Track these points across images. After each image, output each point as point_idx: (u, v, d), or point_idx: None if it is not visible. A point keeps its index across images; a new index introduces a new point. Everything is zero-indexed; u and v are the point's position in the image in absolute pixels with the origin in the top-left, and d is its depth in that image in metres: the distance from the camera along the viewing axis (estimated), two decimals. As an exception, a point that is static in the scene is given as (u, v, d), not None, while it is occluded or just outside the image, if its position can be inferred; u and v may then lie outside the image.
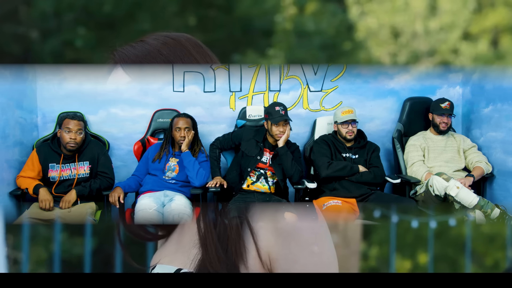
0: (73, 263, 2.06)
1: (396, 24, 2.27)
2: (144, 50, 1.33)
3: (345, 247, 2.20)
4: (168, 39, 1.34)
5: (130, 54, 1.34)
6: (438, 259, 2.45)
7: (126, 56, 1.35)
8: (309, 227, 1.26)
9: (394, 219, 2.80)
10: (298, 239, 1.22)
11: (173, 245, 1.35)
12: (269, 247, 1.22)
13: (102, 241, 2.35)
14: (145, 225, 1.53)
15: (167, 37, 1.35)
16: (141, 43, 1.36)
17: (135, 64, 1.33)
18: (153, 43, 1.34)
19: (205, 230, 1.27)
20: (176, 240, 1.34)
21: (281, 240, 1.23)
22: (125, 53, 1.36)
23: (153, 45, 1.34)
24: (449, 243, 2.56)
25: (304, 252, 1.22)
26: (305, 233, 1.24)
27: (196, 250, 1.24)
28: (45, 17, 1.82)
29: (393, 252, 2.32)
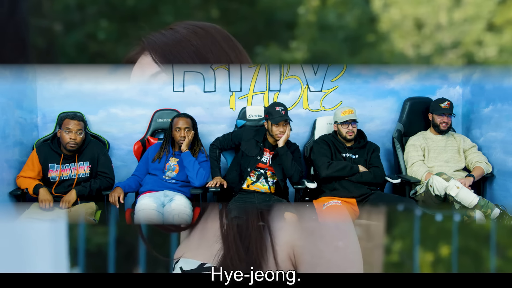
0: (95, 253, 2.05)
1: (420, 15, 2.26)
2: (174, 39, 1.27)
3: (369, 241, 2.19)
4: (198, 29, 1.28)
5: (160, 42, 1.27)
6: (461, 252, 2.44)
7: (156, 43, 1.28)
8: (333, 223, 1.26)
9: (418, 212, 2.80)
10: (323, 235, 1.22)
11: (196, 239, 1.34)
12: (293, 242, 1.21)
13: (124, 232, 2.34)
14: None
15: (196, 27, 1.29)
16: (171, 31, 1.29)
17: (164, 52, 1.26)
18: (183, 32, 1.27)
19: (227, 228, 1.26)
20: (199, 235, 1.34)
21: (305, 235, 1.22)
22: (154, 40, 1.29)
23: (183, 34, 1.27)
24: (472, 236, 2.55)
25: (329, 248, 1.22)
26: (330, 229, 1.24)
27: (219, 245, 1.24)
28: (69, 10, 1.82)
29: (416, 245, 2.31)
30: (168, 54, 1.20)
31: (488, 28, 2.42)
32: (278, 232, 1.24)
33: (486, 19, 2.41)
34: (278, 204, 2.97)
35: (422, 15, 2.27)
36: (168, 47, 1.22)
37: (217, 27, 1.30)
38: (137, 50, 1.31)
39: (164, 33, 1.28)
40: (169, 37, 1.25)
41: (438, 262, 2.36)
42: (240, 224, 1.33)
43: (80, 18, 1.83)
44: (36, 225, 0.86)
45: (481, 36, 2.30)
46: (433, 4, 2.27)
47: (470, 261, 2.39)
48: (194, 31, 1.25)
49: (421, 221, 2.66)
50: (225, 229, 1.24)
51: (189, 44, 1.22)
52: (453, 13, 2.29)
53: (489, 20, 2.44)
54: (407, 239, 2.44)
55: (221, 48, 1.26)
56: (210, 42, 1.25)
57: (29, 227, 0.84)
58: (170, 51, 1.20)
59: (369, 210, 3.00)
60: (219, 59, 1.16)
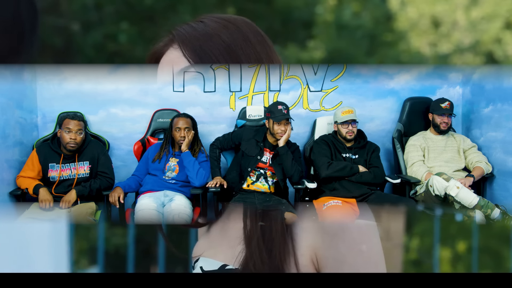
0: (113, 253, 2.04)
1: (437, 13, 2.25)
2: (205, 33, 1.19)
3: (388, 240, 2.17)
4: (229, 24, 1.21)
5: (190, 36, 1.21)
6: (481, 251, 2.44)
7: (186, 37, 1.21)
8: (356, 225, 1.25)
9: (438, 211, 2.79)
10: (346, 238, 1.20)
11: (217, 237, 1.32)
12: (315, 246, 1.19)
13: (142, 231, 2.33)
14: None
15: (227, 22, 1.22)
16: (201, 24, 1.22)
17: (195, 47, 1.20)
18: (214, 26, 1.20)
19: (251, 230, 1.24)
20: (221, 233, 1.31)
21: (328, 239, 1.20)
22: (184, 34, 1.22)
23: (214, 29, 1.20)
24: (492, 235, 2.54)
25: (352, 251, 1.20)
26: (353, 232, 1.22)
27: (241, 247, 1.22)
28: (86, 10, 1.81)
29: (436, 244, 2.30)
30: (199, 50, 1.13)
31: (506, 26, 2.41)
32: (301, 235, 1.22)
33: (504, 17, 2.40)
34: (278, 204, 2.98)
35: (439, 13, 2.26)
36: (199, 42, 1.15)
37: (247, 21, 1.23)
38: (165, 42, 1.24)
39: (194, 26, 1.20)
40: (199, 31, 1.17)
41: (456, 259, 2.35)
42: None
43: (97, 18, 1.82)
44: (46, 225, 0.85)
45: (500, 35, 2.28)
46: (450, 3, 2.26)
47: (490, 260, 2.39)
48: (224, 25, 1.18)
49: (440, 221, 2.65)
50: (248, 230, 1.22)
51: (220, 40, 1.16)
52: (470, 12, 2.28)
53: (508, 18, 2.42)
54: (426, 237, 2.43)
55: (252, 46, 1.19)
56: (241, 39, 1.18)
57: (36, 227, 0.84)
58: (200, 47, 1.13)
59: (373, 209, 2.99)
60: (249, 58, 1.09)
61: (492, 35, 2.28)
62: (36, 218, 2.89)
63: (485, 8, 2.28)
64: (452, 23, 2.24)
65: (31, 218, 2.88)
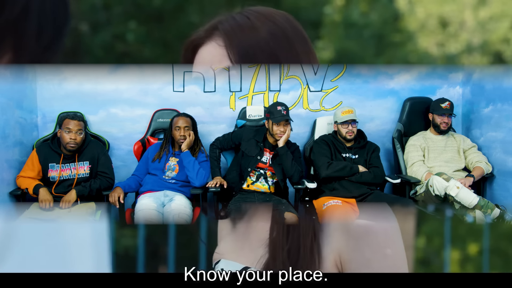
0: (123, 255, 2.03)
1: (445, 13, 2.23)
2: (250, 32, 1.12)
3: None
4: (276, 30, 1.14)
5: (236, 34, 1.13)
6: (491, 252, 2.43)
7: (231, 35, 1.13)
8: (381, 229, 1.22)
9: (449, 213, 2.79)
10: (371, 242, 1.18)
11: (239, 240, 1.30)
12: (340, 250, 1.18)
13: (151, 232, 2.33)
14: None
15: (271, 19, 1.15)
16: (246, 20, 1.14)
17: (241, 51, 1.13)
18: (258, 24, 1.13)
19: (277, 234, 1.21)
20: (243, 235, 1.30)
21: (352, 242, 1.18)
22: (230, 31, 1.14)
23: (258, 27, 1.12)
24: (502, 237, 2.53)
25: (376, 255, 1.18)
26: (378, 236, 1.20)
27: (263, 250, 1.20)
28: (95, 10, 1.80)
29: (448, 245, 2.29)
30: (243, 52, 1.05)
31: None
32: (325, 238, 1.20)
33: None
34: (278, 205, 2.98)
35: (447, 13, 2.25)
36: (244, 43, 1.07)
37: (290, 18, 1.15)
38: (207, 32, 1.14)
39: (239, 21, 1.11)
40: (244, 28, 1.09)
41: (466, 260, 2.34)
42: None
43: (106, 18, 1.81)
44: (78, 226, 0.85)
45: (509, 35, 2.27)
46: (458, 3, 2.25)
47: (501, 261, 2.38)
48: (272, 32, 1.10)
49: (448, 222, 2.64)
50: (273, 233, 1.19)
51: (267, 46, 1.08)
52: (478, 11, 2.27)
53: None
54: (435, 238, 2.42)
55: (293, 47, 1.13)
56: (287, 46, 1.11)
57: (75, 227, 0.84)
58: (244, 48, 1.06)
59: (371, 208, 2.99)
60: (289, 59, 1.04)
61: (501, 35, 2.27)
62: (36, 218, 2.90)
63: (493, 8, 2.27)
64: (460, 23, 2.23)
65: (31, 218, 2.88)
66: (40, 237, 0.85)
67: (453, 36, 2.25)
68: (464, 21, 2.22)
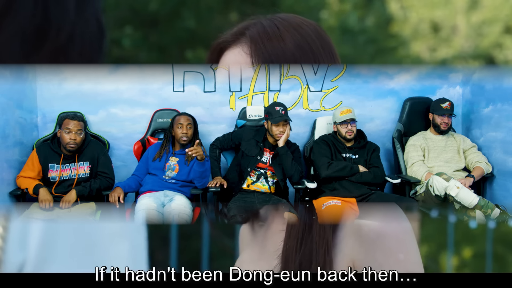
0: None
1: (436, 18, 2.23)
2: (280, 51, 1.12)
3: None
4: (303, 42, 1.12)
5: (263, 43, 1.12)
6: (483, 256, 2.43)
7: (259, 44, 1.12)
8: (394, 233, 1.20)
9: (452, 218, 2.79)
10: (383, 247, 1.16)
11: (257, 250, 1.29)
12: (353, 256, 1.16)
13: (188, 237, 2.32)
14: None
15: (302, 37, 1.13)
16: (275, 28, 1.12)
17: (265, 56, 1.12)
18: (289, 42, 1.12)
19: (289, 248, 1.20)
20: (261, 245, 1.28)
21: (365, 247, 1.17)
22: (257, 39, 1.12)
23: (285, 38, 1.11)
24: (497, 241, 2.53)
25: (389, 260, 1.16)
26: (391, 240, 1.18)
27: (277, 261, 1.19)
28: None
29: (451, 249, 2.29)
30: (267, 60, 1.05)
31: (506, 30, 2.40)
32: (338, 244, 1.18)
33: (504, 21, 2.39)
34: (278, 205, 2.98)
35: (439, 18, 2.25)
36: (270, 53, 1.05)
37: (319, 33, 1.13)
38: (234, 36, 1.12)
39: (267, 29, 1.09)
40: (272, 38, 1.07)
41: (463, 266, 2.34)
42: (237, 223, 1.31)
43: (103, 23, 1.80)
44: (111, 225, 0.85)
45: (500, 39, 2.28)
46: (450, 7, 2.25)
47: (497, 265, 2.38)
48: (299, 44, 1.08)
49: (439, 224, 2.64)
50: (287, 247, 1.18)
51: (292, 57, 1.07)
52: (470, 16, 2.27)
53: (507, 23, 2.42)
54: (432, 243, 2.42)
55: (316, 59, 1.11)
56: (311, 58, 1.10)
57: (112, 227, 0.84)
58: (270, 58, 1.05)
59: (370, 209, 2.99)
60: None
61: (492, 39, 2.27)
62: (36, 218, 2.90)
63: (485, 12, 2.27)
64: (452, 28, 2.23)
65: (31, 218, 2.88)
66: (79, 236, 0.85)
67: (445, 41, 2.25)
68: (456, 25, 2.23)
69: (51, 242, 0.82)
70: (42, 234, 0.82)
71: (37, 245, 0.81)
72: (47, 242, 0.82)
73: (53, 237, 0.83)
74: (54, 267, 0.82)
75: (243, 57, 1.13)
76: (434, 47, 2.31)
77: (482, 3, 2.27)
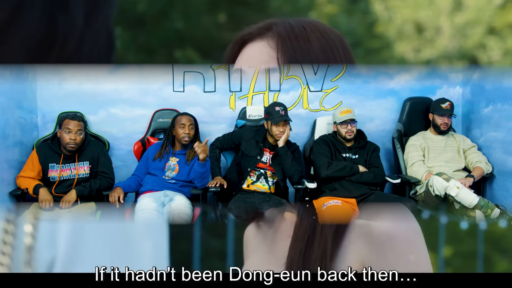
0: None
1: (420, 19, 2.24)
2: (305, 51, 1.11)
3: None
4: (327, 49, 1.12)
5: (290, 42, 1.12)
6: (471, 256, 2.42)
7: (286, 42, 1.12)
8: (404, 234, 1.20)
9: (443, 220, 2.78)
10: (393, 248, 1.16)
11: (265, 254, 1.29)
12: (363, 256, 1.16)
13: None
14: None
15: (327, 43, 1.13)
16: (302, 30, 1.13)
17: (291, 55, 1.12)
18: (315, 45, 1.12)
19: (295, 253, 1.19)
20: (269, 249, 1.29)
21: (375, 249, 1.16)
22: (285, 37, 1.12)
23: (314, 48, 1.12)
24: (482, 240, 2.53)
25: (400, 262, 1.16)
26: (401, 242, 1.18)
27: (283, 267, 1.18)
28: None
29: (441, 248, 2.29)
30: (293, 60, 1.05)
31: (489, 31, 2.41)
32: (348, 246, 1.18)
33: (487, 23, 2.40)
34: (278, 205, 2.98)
35: (423, 19, 2.26)
36: (296, 52, 1.06)
37: (343, 43, 1.13)
38: (260, 30, 1.12)
39: (295, 29, 1.09)
40: (300, 41, 1.07)
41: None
42: (238, 223, 1.31)
43: None
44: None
45: (484, 40, 2.29)
46: (433, 8, 2.26)
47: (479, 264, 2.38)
48: (323, 49, 1.09)
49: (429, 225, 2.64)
50: (293, 253, 1.18)
51: (315, 60, 1.08)
52: (454, 17, 2.28)
53: (490, 24, 2.43)
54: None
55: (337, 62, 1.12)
56: (331, 59, 1.11)
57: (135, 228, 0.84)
58: (296, 61, 1.05)
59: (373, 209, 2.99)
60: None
61: (476, 40, 2.28)
62: (36, 218, 2.89)
63: (469, 14, 2.28)
64: (436, 29, 2.24)
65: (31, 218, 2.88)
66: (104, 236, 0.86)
67: (430, 42, 2.26)
68: (440, 26, 2.23)
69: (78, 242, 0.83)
70: (70, 234, 0.83)
71: (66, 245, 0.82)
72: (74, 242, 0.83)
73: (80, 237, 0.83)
74: (82, 266, 0.83)
75: (268, 50, 1.12)
76: (418, 48, 2.31)
77: (465, 4, 2.28)
